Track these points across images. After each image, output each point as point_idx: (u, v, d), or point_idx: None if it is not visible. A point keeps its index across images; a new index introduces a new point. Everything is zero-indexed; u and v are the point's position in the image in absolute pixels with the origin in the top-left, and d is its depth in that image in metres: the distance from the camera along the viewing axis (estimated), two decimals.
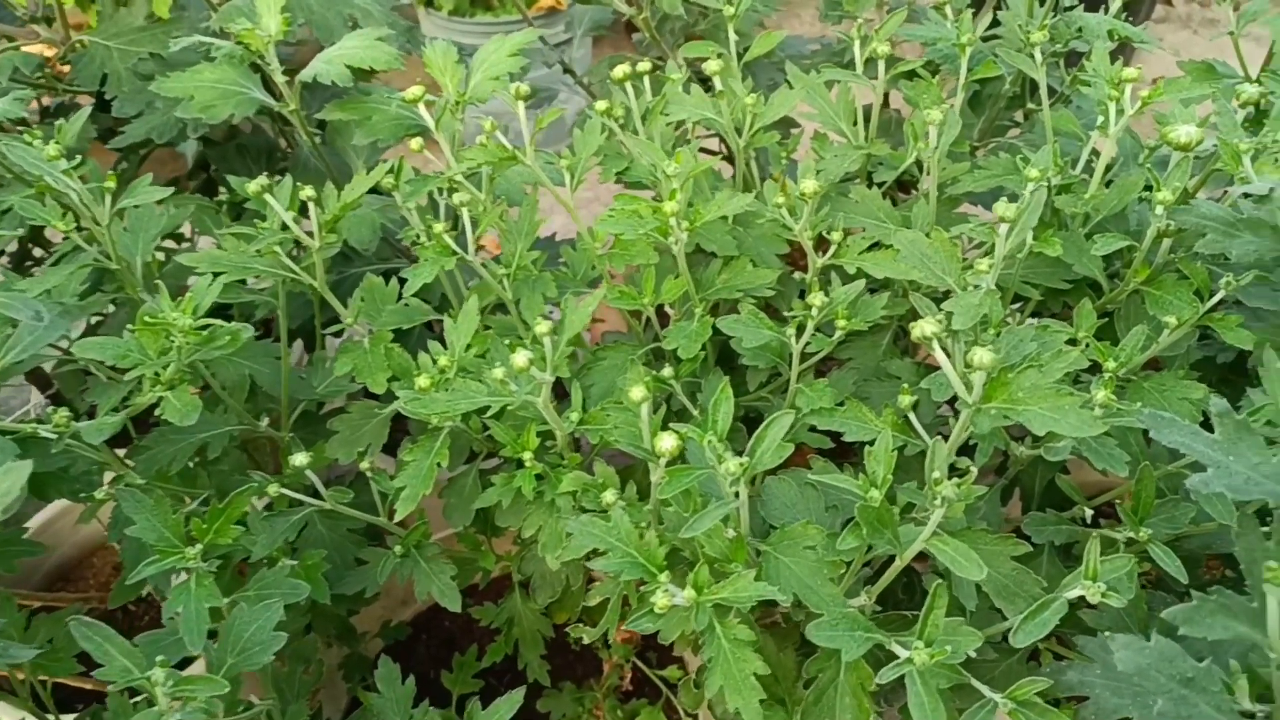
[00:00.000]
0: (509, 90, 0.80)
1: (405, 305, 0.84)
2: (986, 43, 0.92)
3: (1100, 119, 0.76)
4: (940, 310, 0.65)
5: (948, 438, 0.60)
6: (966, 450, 0.68)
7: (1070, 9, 0.90)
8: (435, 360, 0.74)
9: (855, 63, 0.89)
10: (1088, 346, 0.68)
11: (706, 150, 1.17)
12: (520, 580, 0.88)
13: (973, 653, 0.55)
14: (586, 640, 0.78)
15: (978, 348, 0.52)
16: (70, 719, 0.84)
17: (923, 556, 0.58)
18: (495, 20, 2.17)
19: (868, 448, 0.59)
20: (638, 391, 0.60)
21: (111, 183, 0.82)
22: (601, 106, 0.80)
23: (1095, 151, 0.80)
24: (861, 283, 0.72)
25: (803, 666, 0.62)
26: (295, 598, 0.69)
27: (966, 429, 0.58)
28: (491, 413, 0.70)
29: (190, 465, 0.84)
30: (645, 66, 0.85)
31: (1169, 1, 2.82)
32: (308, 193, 0.78)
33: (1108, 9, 0.90)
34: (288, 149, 1.21)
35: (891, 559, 0.60)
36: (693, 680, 0.85)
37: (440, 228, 0.79)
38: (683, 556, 0.65)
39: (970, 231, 0.74)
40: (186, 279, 0.88)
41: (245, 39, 0.87)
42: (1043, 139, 0.85)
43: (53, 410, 0.72)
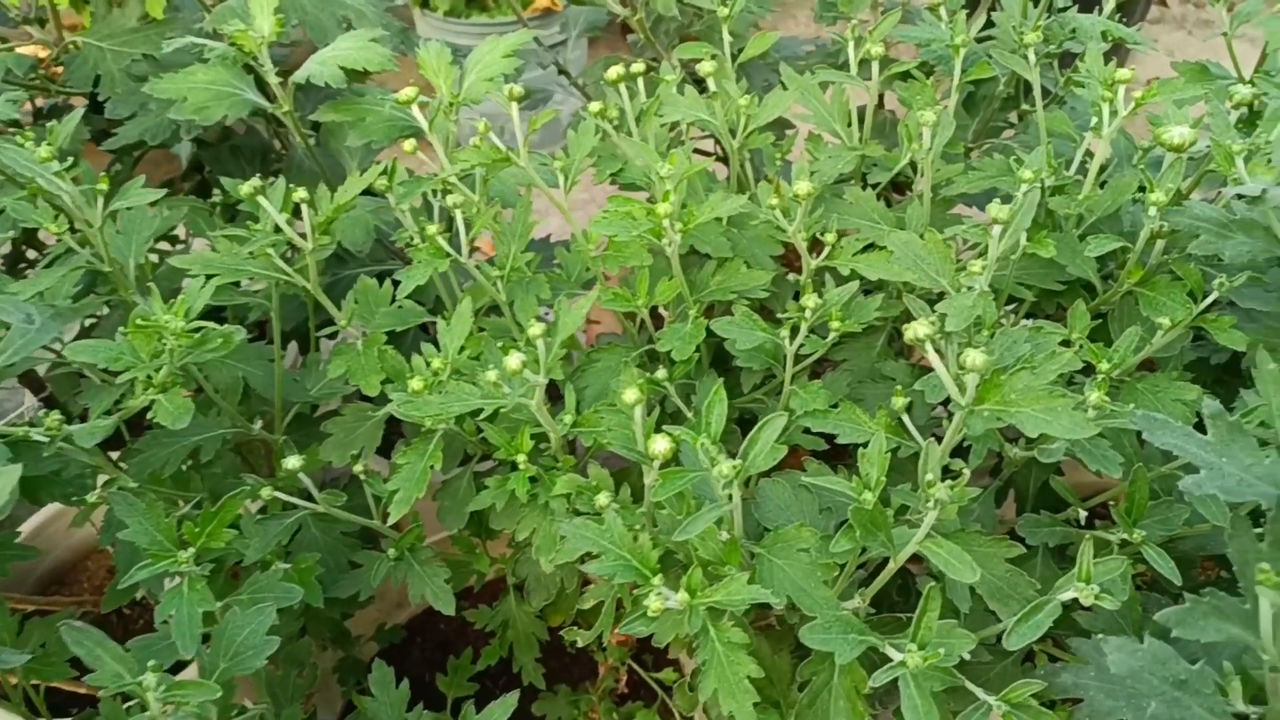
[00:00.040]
0: (503, 92, 0.80)
1: (399, 307, 0.83)
2: (981, 44, 0.92)
3: (1094, 120, 0.76)
4: (934, 312, 0.65)
5: (942, 439, 0.60)
6: (961, 452, 0.68)
7: (1064, 10, 0.90)
8: (428, 363, 0.74)
9: (850, 64, 0.89)
10: (1081, 348, 0.68)
11: (701, 151, 1.17)
12: (515, 583, 0.87)
13: (967, 655, 0.55)
14: (581, 643, 0.78)
15: (970, 349, 0.52)
16: None
17: (917, 558, 0.58)
18: (490, 21, 2.17)
19: (861, 450, 0.59)
20: (631, 394, 0.60)
21: (104, 185, 0.82)
22: (595, 108, 0.80)
23: (1089, 152, 0.80)
24: (855, 284, 0.72)
25: (797, 669, 0.62)
26: (288, 601, 0.69)
27: (960, 431, 0.58)
28: (485, 415, 0.70)
29: (183, 468, 0.84)
30: (639, 68, 0.84)
31: (1164, 2, 2.82)
32: (301, 194, 0.78)
33: (1102, 10, 0.90)
34: (282, 150, 1.21)
35: (886, 561, 0.60)
36: (688, 683, 0.85)
37: (434, 230, 0.79)
38: (677, 559, 0.65)
39: (964, 233, 0.74)
40: (181, 281, 0.87)
41: (238, 40, 0.87)
42: (1037, 140, 0.85)
43: (45, 413, 0.71)
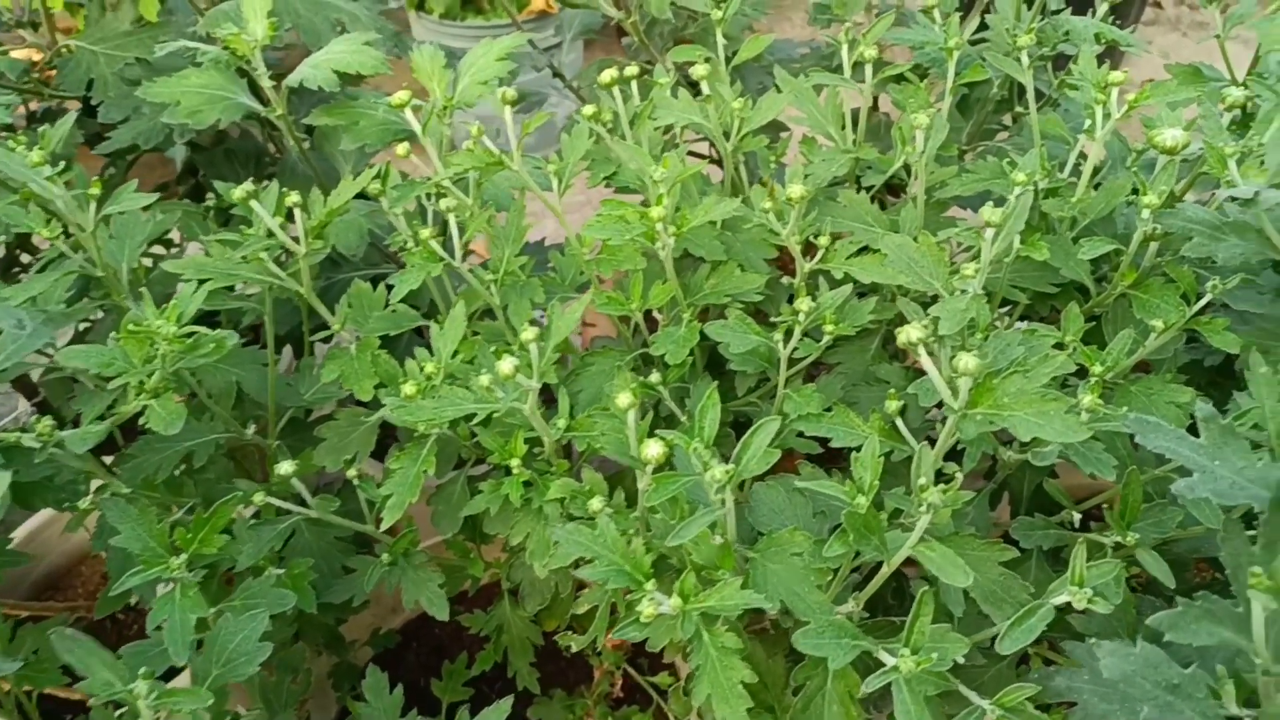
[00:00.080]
0: (496, 95, 0.80)
1: (393, 312, 0.83)
2: (974, 46, 0.92)
3: (1087, 123, 0.76)
4: (927, 315, 0.65)
5: (935, 442, 0.60)
6: (955, 455, 0.68)
7: (1057, 13, 0.90)
8: (422, 367, 0.73)
9: (844, 67, 0.89)
10: (1075, 351, 0.68)
11: (695, 154, 1.17)
12: (509, 588, 0.87)
13: (961, 659, 0.55)
14: (575, 648, 0.78)
15: (963, 353, 0.52)
16: None
17: (912, 561, 0.58)
18: (486, 24, 2.17)
19: (855, 454, 0.58)
20: (624, 398, 0.60)
21: (96, 189, 0.82)
22: (589, 111, 0.80)
23: (1083, 155, 0.80)
24: (848, 288, 0.72)
25: (791, 673, 0.62)
26: (281, 607, 0.69)
27: (953, 435, 0.57)
28: (479, 420, 0.70)
29: (176, 474, 0.84)
30: (632, 71, 0.84)
31: (1158, 4, 2.83)
32: (293, 199, 0.78)
33: (1095, 12, 0.91)
34: (276, 154, 1.21)
35: (880, 565, 0.60)
36: (683, 688, 0.85)
37: (427, 234, 0.79)
38: (671, 563, 0.65)
39: (958, 235, 0.74)
40: (174, 285, 0.87)
41: (231, 44, 0.86)
42: (1031, 142, 0.85)
43: (37, 418, 0.71)
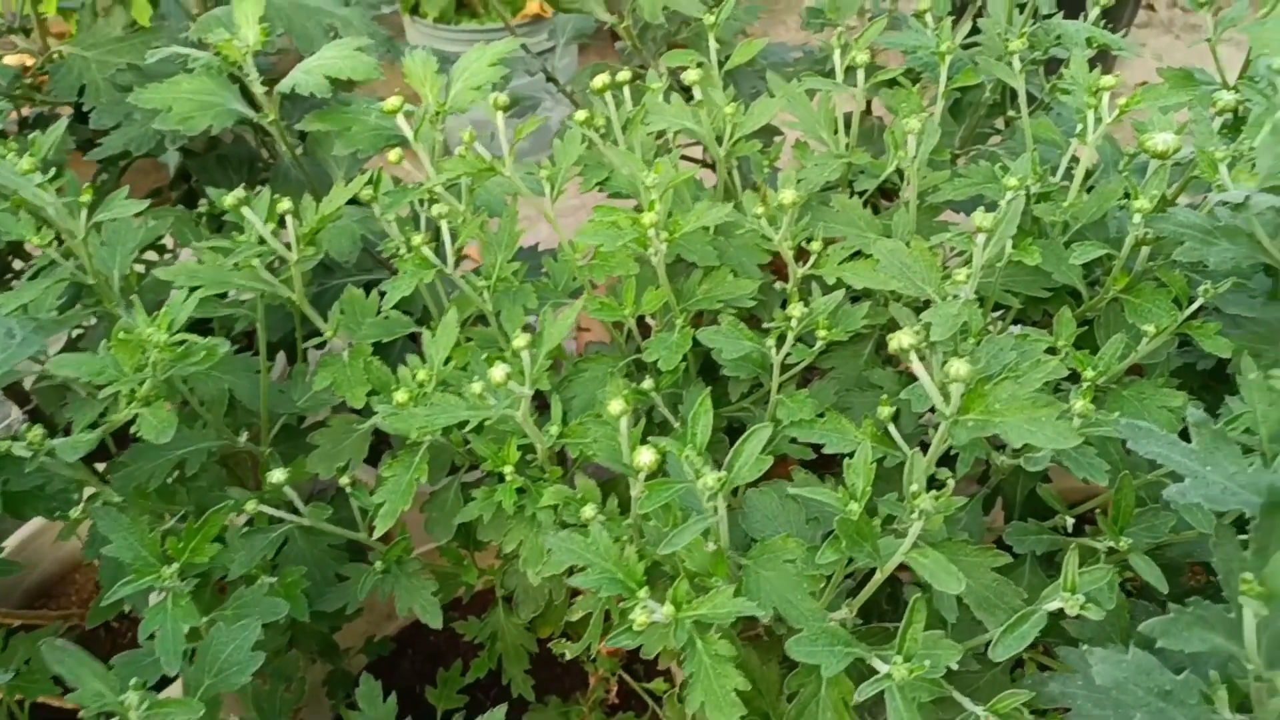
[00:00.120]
0: (489, 100, 0.80)
1: (385, 318, 0.83)
2: (967, 50, 0.93)
3: (1079, 127, 0.76)
4: (920, 320, 0.65)
5: (929, 447, 0.60)
6: (948, 460, 0.68)
7: (1049, 17, 0.90)
8: (414, 374, 0.73)
9: (836, 71, 0.89)
10: (1067, 355, 0.68)
11: (688, 158, 1.16)
12: (503, 594, 0.87)
13: (954, 665, 0.54)
14: (569, 655, 0.77)
15: (954, 359, 0.51)
16: None
17: (907, 566, 0.58)
18: (480, 28, 2.17)
19: (847, 460, 0.58)
20: (616, 405, 0.59)
21: (87, 196, 0.81)
22: (581, 117, 0.80)
23: (1075, 158, 0.80)
24: (841, 293, 0.72)
25: (785, 680, 0.62)
26: (273, 616, 0.68)
27: (945, 441, 0.57)
28: (471, 427, 0.70)
29: (169, 482, 0.84)
30: (625, 76, 0.84)
31: (1151, 6, 2.84)
32: (285, 205, 0.77)
33: (1087, 16, 0.91)
34: (269, 159, 1.21)
35: (874, 571, 0.60)
36: (677, 694, 0.85)
37: (419, 240, 0.79)
38: (665, 570, 0.65)
39: (950, 240, 0.74)
40: (168, 292, 0.87)
41: (223, 50, 0.86)
42: (1023, 146, 0.85)
43: (28, 426, 0.71)
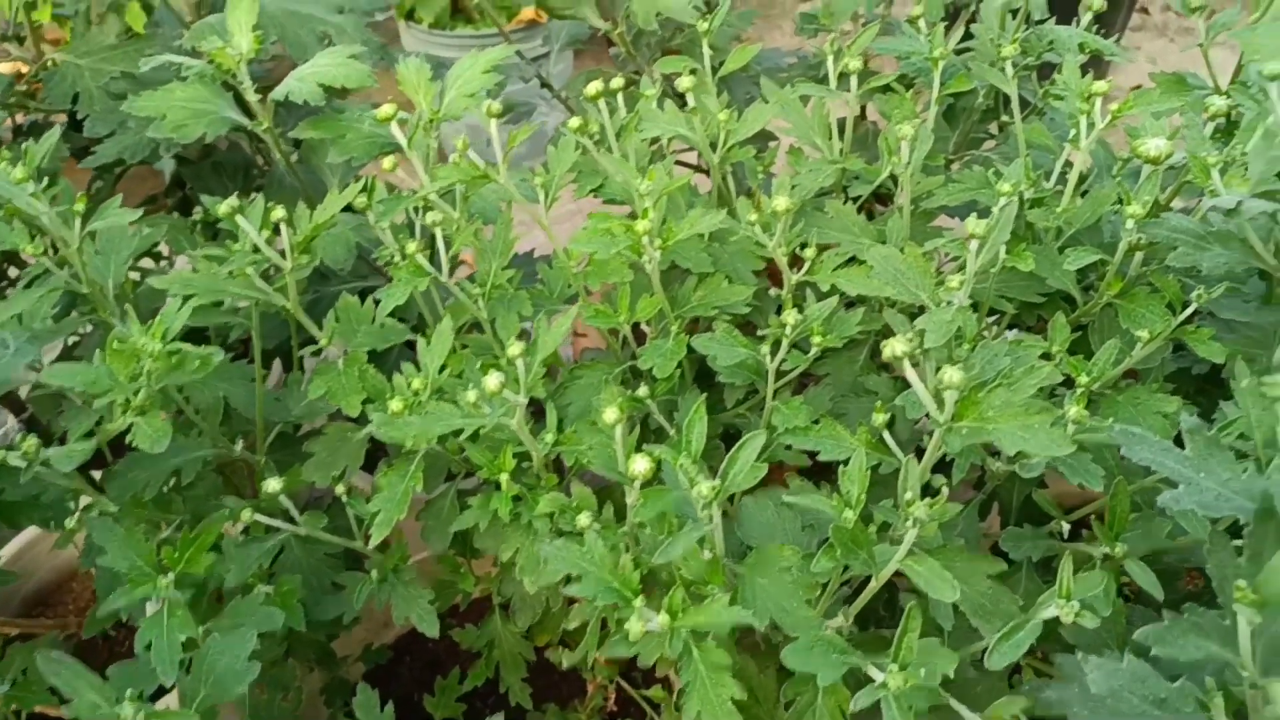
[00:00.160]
0: (482, 107, 0.79)
1: (381, 326, 0.83)
2: (961, 55, 0.93)
3: (1072, 132, 0.76)
4: (914, 327, 0.65)
5: (924, 453, 0.60)
6: (944, 466, 0.68)
7: (1041, 22, 0.90)
8: (409, 383, 0.73)
9: (829, 77, 0.89)
10: (1061, 361, 0.68)
11: (683, 163, 1.17)
12: (500, 602, 0.87)
13: (950, 672, 0.54)
14: (567, 664, 0.77)
15: (948, 367, 0.52)
16: None
17: (904, 572, 0.58)
18: (476, 33, 2.17)
19: (842, 467, 0.58)
20: (610, 413, 0.59)
21: (80, 205, 0.81)
22: (575, 124, 0.80)
23: (1068, 163, 0.80)
24: (834, 300, 0.72)
25: (782, 689, 0.62)
26: (270, 626, 0.68)
27: (939, 448, 0.57)
28: (467, 435, 0.69)
29: (164, 490, 0.83)
30: (618, 83, 0.84)
31: (1145, 9, 2.84)
32: (279, 214, 0.77)
33: (1079, 21, 0.91)
34: (264, 166, 1.20)
35: (870, 577, 0.60)
36: (674, 702, 0.85)
37: (414, 248, 0.78)
38: (661, 577, 0.64)
39: (944, 246, 0.74)
40: (163, 299, 0.87)
41: (216, 58, 0.86)
42: (1017, 151, 0.85)
43: (23, 436, 0.71)
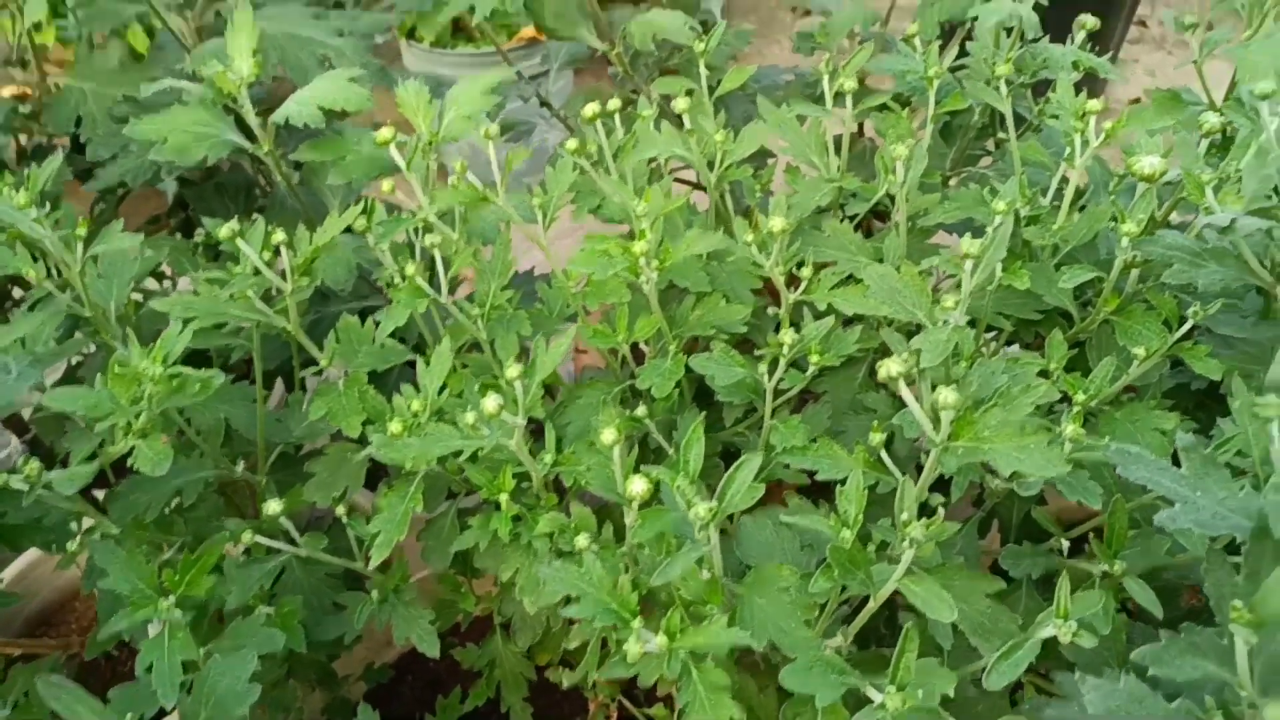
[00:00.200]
0: (481, 129, 0.80)
1: (381, 347, 0.83)
2: (956, 74, 0.93)
3: (1068, 149, 0.77)
4: (910, 346, 0.65)
5: (923, 470, 0.60)
6: (943, 484, 0.68)
7: (1035, 41, 0.91)
8: (409, 404, 0.73)
9: (825, 96, 0.90)
10: (1058, 378, 0.68)
11: (682, 181, 1.17)
12: (501, 622, 0.87)
13: (951, 691, 0.54)
14: (567, 684, 0.77)
15: (943, 387, 0.52)
16: None
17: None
18: (476, 51, 2.18)
19: (840, 486, 0.59)
20: (608, 434, 0.60)
21: (82, 229, 0.82)
22: (572, 145, 0.81)
23: (1064, 180, 0.80)
24: (831, 319, 0.72)
25: (782, 709, 0.61)
26: (271, 648, 0.68)
27: (936, 468, 0.58)
28: (466, 456, 0.70)
29: (166, 512, 0.84)
30: (615, 105, 0.85)
31: (1143, 23, 2.86)
32: (279, 236, 0.78)
33: (1073, 39, 0.91)
34: (266, 186, 1.21)
35: (869, 597, 0.60)
36: None
37: (413, 269, 0.79)
38: (660, 598, 0.64)
39: (941, 264, 0.74)
40: (166, 321, 0.87)
41: (218, 82, 0.87)
42: (1013, 168, 0.85)
43: (25, 459, 0.71)
